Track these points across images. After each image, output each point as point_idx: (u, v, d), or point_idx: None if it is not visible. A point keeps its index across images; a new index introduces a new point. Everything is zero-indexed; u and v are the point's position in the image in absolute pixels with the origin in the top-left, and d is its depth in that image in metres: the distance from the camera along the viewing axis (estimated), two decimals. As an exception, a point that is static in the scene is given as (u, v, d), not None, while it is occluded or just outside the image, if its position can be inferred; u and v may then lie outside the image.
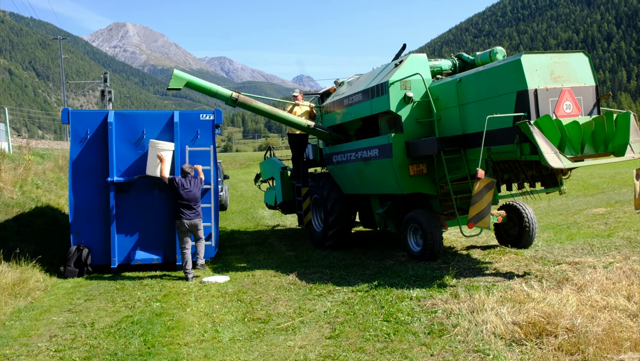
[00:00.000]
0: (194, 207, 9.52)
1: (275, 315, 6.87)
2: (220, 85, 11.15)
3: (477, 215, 7.51)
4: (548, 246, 9.73)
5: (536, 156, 7.20)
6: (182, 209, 9.43)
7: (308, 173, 12.64)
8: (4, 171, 14.04)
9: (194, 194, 9.54)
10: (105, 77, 36.87)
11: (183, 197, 9.42)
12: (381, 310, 6.65)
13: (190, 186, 9.50)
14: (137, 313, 7.31)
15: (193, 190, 9.53)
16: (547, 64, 7.58)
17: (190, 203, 9.47)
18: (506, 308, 6.03)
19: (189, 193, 9.47)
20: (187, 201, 9.44)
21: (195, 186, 9.58)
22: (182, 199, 9.42)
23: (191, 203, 9.48)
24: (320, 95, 12.51)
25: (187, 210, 9.45)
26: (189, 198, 9.46)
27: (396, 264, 9.29)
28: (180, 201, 9.43)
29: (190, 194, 9.48)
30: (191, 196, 9.49)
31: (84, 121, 10.23)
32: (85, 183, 10.13)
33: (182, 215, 9.43)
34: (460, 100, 8.49)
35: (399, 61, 9.58)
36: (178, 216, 9.48)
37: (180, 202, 9.43)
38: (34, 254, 9.72)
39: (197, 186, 9.65)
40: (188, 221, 9.46)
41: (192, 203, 9.49)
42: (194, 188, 9.56)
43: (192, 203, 9.48)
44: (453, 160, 8.71)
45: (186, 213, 9.44)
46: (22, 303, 7.91)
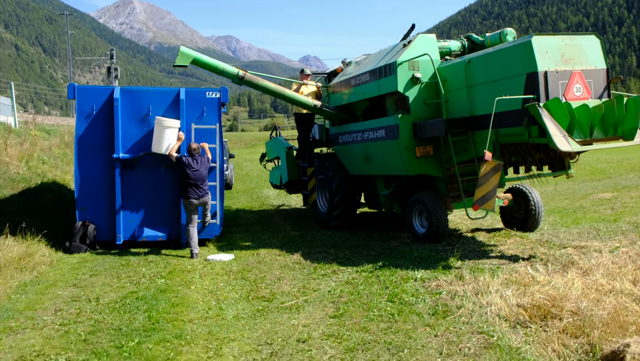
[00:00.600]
0: (201, 186, 9.51)
1: (279, 294, 6.88)
2: (226, 63, 11.07)
3: (483, 198, 7.48)
4: (554, 230, 9.71)
5: (544, 139, 7.13)
6: (189, 189, 9.42)
7: (314, 153, 12.60)
8: (10, 146, 14.06)
9: (201, 174, 9.52)
10: (112, 54, 36.75)
11: (190, 177, 9.40)
12: (385, 291, 6.66)
13: (197, 165, 9.47)
14: (141, 289, 7.34)
15: (200, 169, 9.50)
16: (558, 46, 7.48)
17: (198, 182, 9.46)
18: (511, 290, 6.02)
19: (196, 173, 9.44)
20: (195, 181, 9.42)
21: (202, 165, 9.55)
22: (189, 179, 9.40)
23: (198, 182, 9.47)
24: (327, 75, 12.41)
25: (195, 189, 9.45)
26: (196, 177, 9.44)
27: (401, 245, 9.29)
28: (187, 181, 9.41)
29: (197, 174, 9.45)
30: (198, 175, 9.47)
31: (90, 96, 10.19)
32: (90, 159, 10.13)
33: (190, 195, 9.42)
34: (469, 81, 8.40)
35: (408, 41, 9.47)
36: (186, 195, 9.47)
37: (187, 181, 9.41)
38: (40, 229, 9.76)
39: (204, 165, 9.62)
40: (196, 200, 9.48)
41: (200, 182, 9.49)
42: (201, 167, 9.53)
43: (199, 182, 9.48)
44: (460, 142, 8.66)
45: (194, 191, 9.44)
46: (28, 277, 7.95)
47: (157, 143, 9.88)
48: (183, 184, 9.49)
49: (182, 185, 9.52)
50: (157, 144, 9.89)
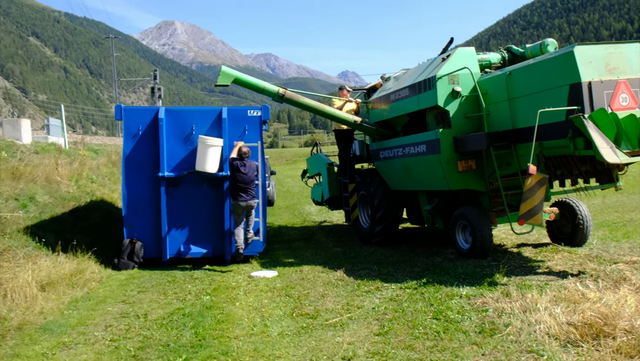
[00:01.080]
0: (249, 189, 9.91)
1: (323, 311, 6.90)
2: (266, 81, 11.24)
3: (529, 212, 7.34)
4: (603, 245, 9.44)
5: (590, 151, 6.98)
6: (239, 192, 9.84)
7: (355, 169, 12.62)
8: (60, 166, 14.54)
9: (249, 177, 9.91)
10: (155, 75, 37.67)
11: (239, 180, 9.84)
12: (430, 308, 6.59)
13: (245, 169, 9.90)
14: (188, 305, 7.47)
15: (248, 173, 9.91)
16: (601, 55, 7.33)
17: (247, 185, 9.86)
18: (560, 307, 5.88)
19: (244, 176, 9.86)
20: (244, 184, 9.84)
21: (250, 169, 9.95)
22: (239, 182, 9.84)
23: (247, 186, 9.87)
24: (366, 90, 12.45)
25: (243, 193, 9.85)
26: (245, 180, 9.87)
27: (445, 261, 9.19)
28: (237, 184, 9.85)
29: (246, 177, 9.87)
30: (247, 179, 9.88)
31: (136, 117, 10.48)
32: (137, 177, 10.40)
33: (239, 197, 9.84)
34: (510, 94, 8.30)
35: (447, 55, 9.44)
36: (235, 197, 9.90)
37: (237, 184, 9.85)
38: (90, 246, 10.04)
39: (252, 168, 10.02)
40: (244, 203, 9.87)
41: (248, 185, 9.89)
42: (249, 171, 9.93)
43: (248, 185, 9.88)
44: (503, 155, 8.54)
45: (242, 195, 9.84)
46: (79, 293, 8.19)
47: (201, 161, 10.09)
48: (234, 187, 9.94)
49: (233, 188, 9.97)
50: (200, 162, 10.10)
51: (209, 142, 10.08)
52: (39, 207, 11.46)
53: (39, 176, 13.00)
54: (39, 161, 14.24)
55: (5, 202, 10.72)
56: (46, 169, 13.60)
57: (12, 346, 6.00)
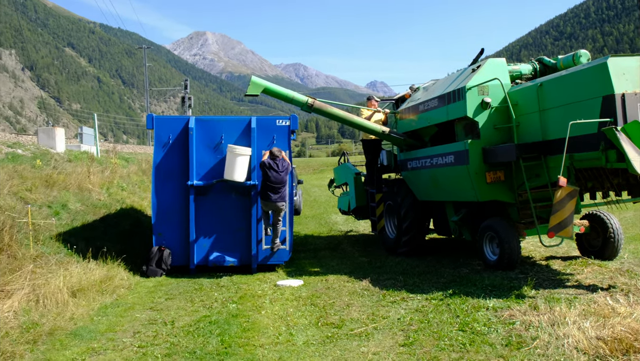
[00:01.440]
0: (279, 190, 10.03)
1: (348, 320, 6.89)
2: (295, 91, 11.33)
3: (559, 225, 7.24)
4: (635, 259, 9.25)
5: (623, 164, 6.86)
6: (268, 192, 9.97)
7: (382, 179, 12.61)
8: (92, 174, 14.84)
9: (282, 178, 10.03)
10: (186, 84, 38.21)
11: (270, 178, 9.95)
12: (456, 319, 6.54)
13: (278, 168, 10.00)
14: (214, 313, 7.54)
15: (280, 173, 10.01)
16: (636, 66, 7.21)
17: (276, 185, 9.97)
18: (589, 322, 5.77)
19: (276, 175, 9.97)
20: (273, 183, 9.96)
21: (282, 168, 10.06)
22: (269, 181, 9.96)
23: (277, 186, 9.98)
24: (395, 101, 12.45)
25: (272, 193, 9.98)
26: (277, 180, 9.98)
27: (471, 273, 9.10)
28: (267, 183, 9.96)
29: (278, 177, 9.99)
30: (278, 178, 9.99)
31: (167, 126, 10.66)
32: (167, 186, 10.55)
33: (268, 197, 9.98)
34: (541, 105, 8.22)
35: (477, 65, 9.40)
36: (264, 195, 10.04)
37: (267, 184, 9.96)
38: (119, 253, 10.22)
39: (284, 168, 10.12)
40: (272, 204, 10.01)
41: (278, 186, 10.01)
42: (282, 170, 10.05)
43: (278, 186, 10.00)
44: (532, 167, 8.45)
45: (271, 195, 9.97)
46: (108, 300, 8.33)
47: (229, 170, 10.20)
48: (263, 186, 10.05)
49: (263, 187, 10.08)
50: (229, 171, 10.21)
51: (237, 152, 10.19)
52: (71, 214, 11.71)
53: (72, 183, 13.29)
54: (72, 169, 14.57)
55: (38, 209, 10.98)
56: (78, 177, 13.89)
57: (43, 351, 6.13)
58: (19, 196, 10.98)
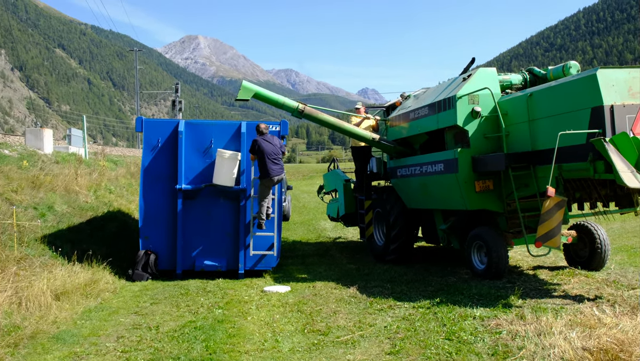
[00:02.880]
0: (278, 161, 10.09)
1: (335, 328, 6.85)
2: (286, 96, 11.31)
3: (546, 234, 7.25)
4: (621, 270, 9.28)
5: (611, 175, 6.89)
6: (268, 166, 9.94)
7: (371, 186, 12.60)
8: (80, 176, 14.72)
9: (277, 149, 10.09)
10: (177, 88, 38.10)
11: (265, 150, 9.93)
12: (443, 328, 6.52)
13: (270, 139, 10.08)
14: (200, 318, 7.47)
15: (273, 142, 10.07)
16: (624, 79, 7.26)
17: (275, 156, 10.01)
18: (576, 332, 5.78)
19: (272, 148, 10.01)
20: (270, 154, 9.95)
21: (273, 139, 10.13)
22: (268, 155, 9.94)
23: (276, 157, 10.03)
24: (385, 108, 12.47)
25: (273, 165, 9.99)
26: (274, 151, 10.01)
27: (459, 281, 9.09)
28: (266, 158, 9.93)
29: (271, 147, 10.01)
30: (275, 150, 10.05)
31: (156, 129, 10.60)
32: (155, 189, 10.49)
33: (270, 171, 9.96)
34: (531, 115, 8.25)
35: (467, 74, 9.43)
36: (265, 174, 9.98)
37: (266, 158, 9.93)
38: (105, 256, 10.12)
39: (275, 141, 10.17)
40: (277, 177, 10.05)
41: (277, 157, 10.05)
42: (273, 140, 10.10)
43: (276, 157, 10.04)
44: (521, 177, 8.47)
45: (272, 168, 9.98)
46: (93, 304, 8.24)
47: (219, 175, 10.15)
48: (262, 164, 9.99)
49: (261, 165, 10.02)
50: (218, 175, 10.16)
51: (227, 156, 10.15)
52: (57, 216, 11.59)
53: (59, 185, 13.16)
54: (59, 171, 14.43)
55: (24, 211, 10.86)
56: (66, 179, 13.76)
57: (24, 355, 6.04)
58: (4, 197, 10.86)
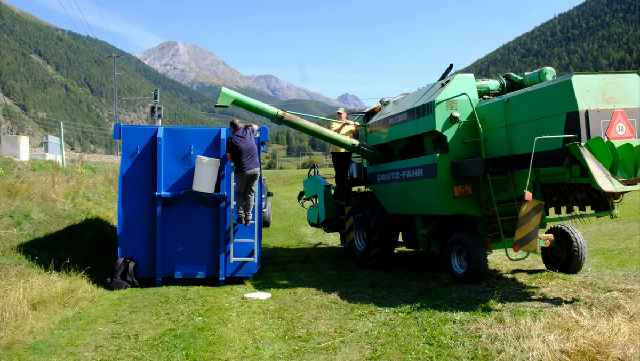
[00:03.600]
0: (253, 157, 10.10)
1: (316, 334, 6.84)
2: (266, 103, 11.30)
3: (524, 238, 7.34)
4: (598, 272, 9.42)
5: (586, 179, 7.00)
6: (242, 160, 9.98)
7: (351, 192, 12.62)
8: (57, 184, 14.52)
9: (252, 143, 10.12)
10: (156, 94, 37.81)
11: (241, 147, 9.98)
12: (423, 333, 6.54)
13: (244, 134, 10.10)
14: (180, 326, 7.40)
15: (247, 139, 10.09)
16: (598, 84, 7.40)
17: (249, 152, 10.03)
18: (554, 335, 5.84)
19: (247, 143, 10.04)
20: (245, 152, 9.98)
21: (248, 135, 10.15)
22: (242, 151, 9.97)
23: (250, 152, 10.05)
24: (365, 114, 12.52)
25: (246, 160, 10.01)
26: (247, 147, 10.03)
27: (439, 286, 9.14)
28: (240, 154, 9.97)
29: (245, 144, 10.03)
30: (250, 145, 10.08)
31: (135, 136, 10.51)
32: (133, 196, 10.39)
33: (244, 167, 9.99)
34: (508, 120, 8.35)
35: (446, 80, 9.52)
36: (240, 169, 10.02)
37: (240, 154, 9.97)
38: (83, 265, 9.99)
39: (250, 135, 10.21)
40: (249, 171, 10.04)
41: (250, 151, 10.06)
42: (248, 137, 10.12)
43: (251, 152, 10.06)
44: (499, 181, 8.56)
45: (247, 164, 10.00)
46: (70, 313, 8.12)
47: (198, 181, 10.10)
48: (237, 160, 10.03)
49: (236, 160, 10.05)
50: (198, 182, 10.11)
51: (206, 162, 10.11)
52: (33, 225, 11.42)
53: (35, 193, 12.98)
54: (36, 179, 14.22)
55: None
56: (42, 187, 13.57)
57: (0, 364, 5.93)
58: (-21, 206, 10.68)
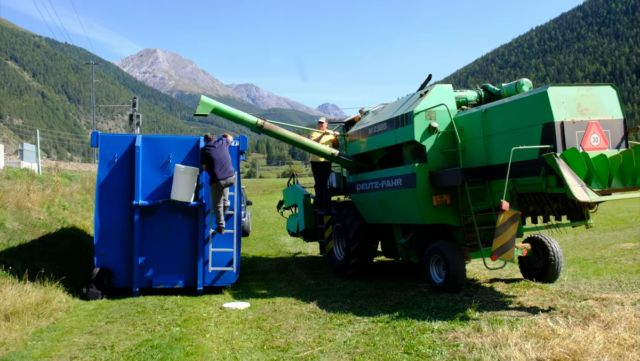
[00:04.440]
0: (226, 166, 10.04)
1: (294, 344, 6.81)
2: (246, 111, 11.28)
3: (501, 247, 7.40)
4: (574, 281, 9.53)
5: (562, 189, 7.10)
6: (216, 172, 9.91)
7: (331, 201, 12.63)
8: (32, 192, 14.30)
9: (224, 152, 10.09)
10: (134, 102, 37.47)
11: (214, 157, 9.94)
12: (402, 342, 6.55)
13: (216, 145, 10.08)
14: (157, 337, 7.31)
15: (218, 148, 10.06)
16: (574, 96, 7.53)
17: (222, 161, 9.97)
18: (530, 343, 5.89)
19: (218, 152, 9.99)
20: (218, 160, 9.93)
21: (220, 146, 10.12)
22: (215, 161, 9.93)
23: (223, 161, 9.99)
24: (345, 123, 12.56)
25: (219, 171, 9.93)
26: (219, 156, 9.98)
27: (418, 295, 9.18)
28: (213, 164, 9.92)
29: (220, 153, 10.01)
30: (221, 154, 10.03)
31: (113, 144, 10.41)
32: (111, 205, 10.27)
33: (217, 177, 9.92)
34: (486, 131, 8.45)
35: (425, 91, 9.60)
36: (214, 179, 9.94)
37: (213, 164, 9.92)
38: (58, 275, 9.83)
39: (223, 145, 10.19)
40: (224, 181, 9.97)
41: (224, 161, 10.01)
42: (219, 147, 10.09)
43: (223, 161, 10.00)
44: (477, 191, 8.64)
45: (219, 173, 9.92)
46: (45, 324, 7.97)
47: (177, 190, 10.03)
48: (211, 170, 9.98)
49: (210, 171, 10.00)
50: (176, 191, 10.03)
51: (183, 171, 10.04)
52: (7, 234, 11.22)
53: (9, 202, 12.76)
54: (10, 187, 13.99)
55: (-27, 227, 10.48)
56: (17, 195, 13.36)
57: (-29, 377, 5.80)
58: (-49, 214, 10.46)
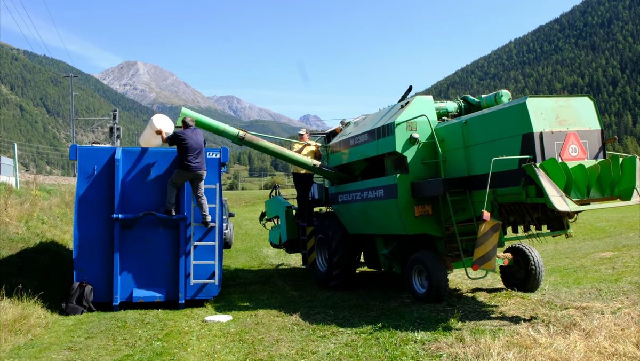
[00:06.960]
0: (199, 155, 9.91)
1: (277, 356, 6.75)
2: (228, 123, 11.26)
3: (483, 257, 7.44)
4: (555, 290, 9.61)
5: (542, 199, 7.18)
6: (188, 158, 9.76)
7: (313, 212, 12.62)
8: (10, 206, 14.08)
9: (200, 140, 9.98)
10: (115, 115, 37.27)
11: (189, 142, 9.79)
12: (385, 353, 6.54)
13: (192, 133, 9.95)
14: (137, 352, 7.20)
15: (195, 137, 9.93)
16: (552, 107, 7.64)
17: (196, 150, 9.84)
18: (512, 353, 5.91)
19: (195, 138, 9.88)
20: (192, 148, 9.78)
21: (197, 134, 10.02)
22: (187, 147, 9.76)
23: (197, 149, 9.86)
24: (326, 135, 12.59)
25: (193, 159, 9.78)
26: (196, 144, 9.86)
27: (400, 306, 9.18)
28: (186, 149, 9.76)
29: (195, 141, 9.88)
30: (198, 141, 9.92)
31: (92, 157, 10.29)
32: (90, 219, 10.14)
33: (188, 163, 9.74)
34: (466, 142, 8.52)
35: (405, 102, 9.67)
36: (183, 165, 9.75)
37: (186, 149, 9.75)
38: (36, 290, 9.66)
39: (199, 134, 10.10)
40: (197, 171, 9.84)
41: (198, 149, 9.89)
42: (196, 136, 9.97)
43: (198, 149, 9.88)
44: (458, 201, 8.69)
45: (192, 161, 9.76)
46: (22, 340, 7.81)
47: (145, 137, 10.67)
48: (181, 156, 9.80)
49: (182, 157, 9.80)
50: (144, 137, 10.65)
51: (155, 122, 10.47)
52: (-16, 248, 11.01)
53: (-13, 215, 12.55)
54: (-13, 201, 13.77)
55: (-52, 242, 10.28)
56: (-6, 209, 13.15)
57: (-55, 395, 5.66)
58: None
